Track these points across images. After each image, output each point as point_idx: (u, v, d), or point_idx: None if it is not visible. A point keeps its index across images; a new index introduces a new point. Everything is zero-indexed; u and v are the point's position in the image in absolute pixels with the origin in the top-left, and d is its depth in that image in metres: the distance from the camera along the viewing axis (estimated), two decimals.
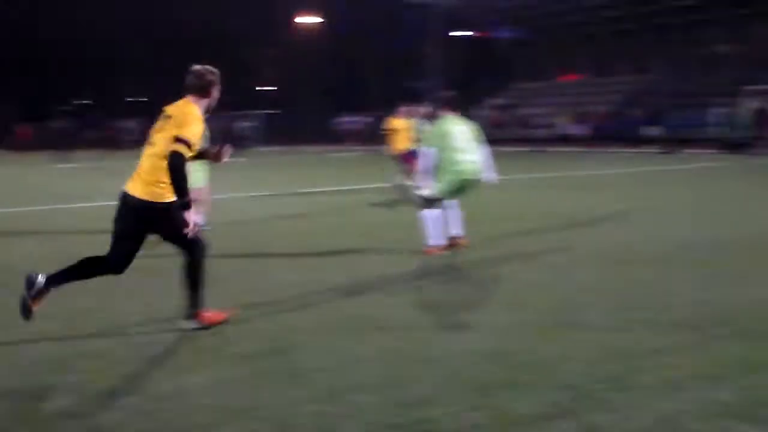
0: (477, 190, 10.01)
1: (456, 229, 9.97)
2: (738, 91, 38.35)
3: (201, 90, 6.22)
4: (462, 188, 9.75)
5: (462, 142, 9.68)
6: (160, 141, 6.02)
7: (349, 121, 56.60)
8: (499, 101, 57.22)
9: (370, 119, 53.29)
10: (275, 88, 75.62)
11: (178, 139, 5.89)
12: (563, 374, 5.05)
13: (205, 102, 6.23)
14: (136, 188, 6.02)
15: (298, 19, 62.56)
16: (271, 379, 5.09)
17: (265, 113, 58.90)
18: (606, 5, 51.44)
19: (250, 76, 73.50)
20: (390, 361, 5.40)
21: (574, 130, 45.24)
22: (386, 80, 63.69)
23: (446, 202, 9.80)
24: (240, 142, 40.20)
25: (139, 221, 6.03)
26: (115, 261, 6.07)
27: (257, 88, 73.02)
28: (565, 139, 44.92)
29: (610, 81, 53.78)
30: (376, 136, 41.49)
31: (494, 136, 49.15)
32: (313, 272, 8.67)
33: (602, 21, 53.28)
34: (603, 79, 54.42)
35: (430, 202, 9.62)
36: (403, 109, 17.44)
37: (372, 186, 19.73)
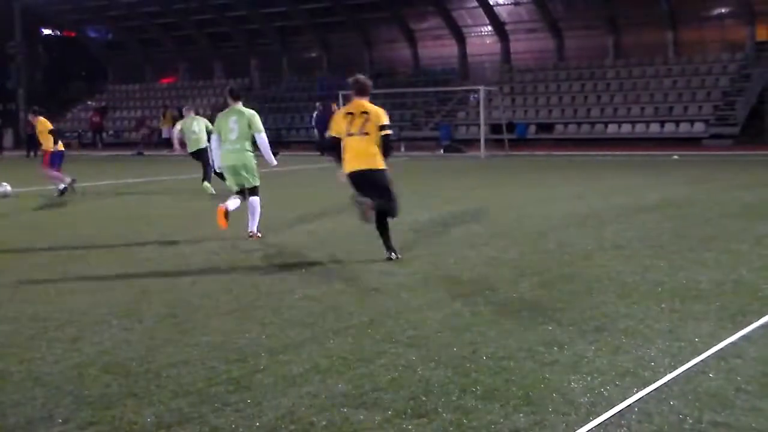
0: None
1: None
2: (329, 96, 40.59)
3: (368, 93, 9.40)
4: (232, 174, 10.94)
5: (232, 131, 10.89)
6: (370, 131, 8.99)
7: None
8: (96, 104, 55.30)
9: None
10: None
11: (383, 127, 9.06)
12: (182, 380, 4.98)
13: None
14: (365, 164, 8.98)
15: None
16: None
17: None
18: (197, 8, 51.73)
19: None
20: None
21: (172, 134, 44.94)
22: None
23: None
24: None
25: (371, 180, 8.95)
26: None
27: None
28: (167, 143, 44.46)
29: (207, 84, 54.30)
30: None
31: (92, 140, 47.78)
32: None
33: (196, 24, 53.54)
34: (201, 82, 54.78)
35: None
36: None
37: None
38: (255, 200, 10.99)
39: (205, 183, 18.18)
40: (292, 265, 8.81)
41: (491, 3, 45.64)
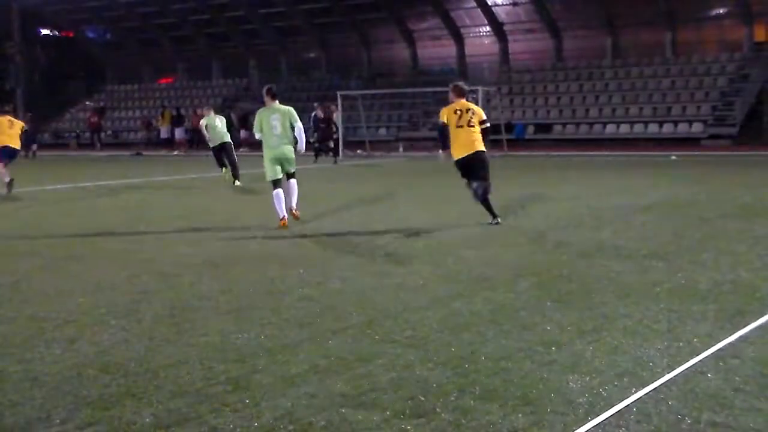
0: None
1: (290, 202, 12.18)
2: (327, 96, 40.56)
3: (466, 95, 12.27)
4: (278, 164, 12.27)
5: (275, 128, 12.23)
6: (475, 123, 11.78)
7: None
8: (95, 104, 55.26)
9: None
10: None
11: (483, 121, 11.97)
12: (181, 380, 4.98)
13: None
14: (471, 149, 11.71)
15: None
16: None
17: None
18: (196, 9, 51.70)
19: None
20: None
21: (174, 134, 44.80)
22: None
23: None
24: None
25: (476, 159, 11.73)
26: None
27: None
28: (165, 143, 44.41)
29: (206, 85, 54.29)
30: None
31: (90, 140, 47.76)
32: None
33: (195, 24, 53.52)
34: (200, 82, 54.75)
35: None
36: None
37: None
38: (294, 182, 12.50)
39: (229, 176, 20.07)
40: (291, 265, 8.81)
41: (489, 3, 45.67)
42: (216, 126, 20.63)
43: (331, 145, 30.34)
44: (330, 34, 51.45)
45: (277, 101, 12.56)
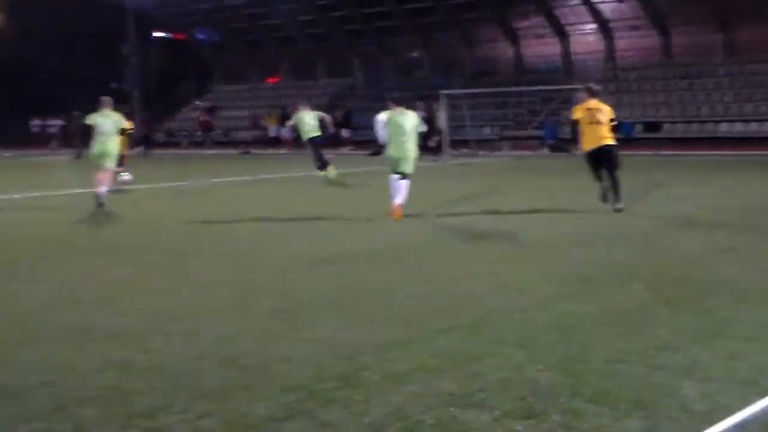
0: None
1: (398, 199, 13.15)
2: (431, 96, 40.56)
3: (598, 95, 13.98)
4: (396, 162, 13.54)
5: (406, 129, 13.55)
6: (605, 121, 13.24)
7: (42, 124, 53.60)
8: (204, 104, 56.57)
9: (60, 122, 51.00)
10: None
11: (612, 120, 13.44)
12: (292, 375, 5.06)
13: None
14: (602, 142, 13.12)
15: None
16: None
17: None
18: (300, 10, 52.36)
19: None
20: (115, 372, 5.15)
21: (282, 133, 45.49)
22: (85, 81, 60.97)
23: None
24: None
25: (605, 152, 13.15)
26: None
27: None
28: (273, 142, 45.09)
29: (310, 84, 54.95)
30: (72, 138, 39.84)
31: (201, 139, 48.93)
32: (20, 282, 8.12)
33: (299, 25, 54.23)
34: (304, 82, 55.46)
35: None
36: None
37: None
38: (407, 182, 13.44)
39: (322, 172, 20.78)
40: (400, 263, 8.86)
41: (594, 0, 44.91)
42: (305, 122, 21.27)
43: (433, 144, 30.37)
44: (433, 33, 51.38)
45: (403, 107, 13.95)
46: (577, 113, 13.68)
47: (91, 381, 4.98)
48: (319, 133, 21.43)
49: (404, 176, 13.39)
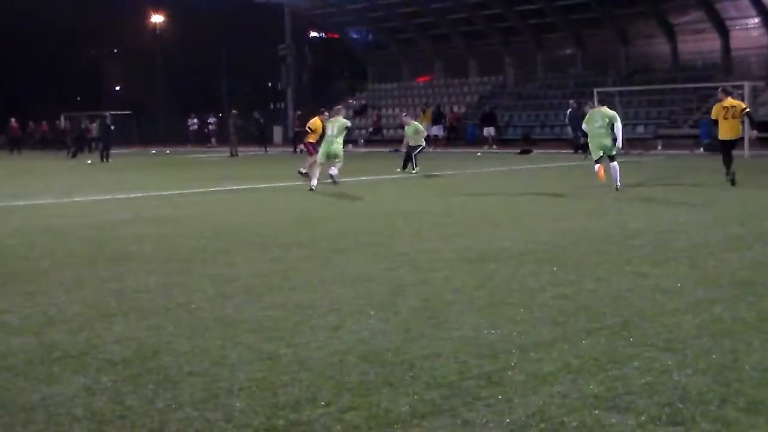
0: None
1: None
2: (584, 93, 39.87)
3: (732, 94, 17.29)
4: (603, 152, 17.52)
5: (601, 124, 17.52)
6: (738, 116, 17.54)
7: (204, 121, 55.70)
8: (357, 102, 57.49)
9: (215, 119, 52.89)
10: (120, 88, 73.63)
11: (743, 110, 17.79)
12: (435, 372, 5.10)
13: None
14: (734, 135, 17.64)
15: (147, 18, 61.10)
16: (140, 385, 4.94)
17: (113, 114, 57.45)
18: (453, 8, 52.41)
19: (98, 76, 71.29)
20: (263, 364, 5.33)
21: (432, 131, 45.81)
22: (242, 80, 63.02)
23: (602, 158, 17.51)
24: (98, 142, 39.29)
25: (734, 143, 17.78)
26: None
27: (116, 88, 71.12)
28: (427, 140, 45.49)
29: (462, 82, 54.94)
30: (229, 136, 41.24)
31: (352, 137, 49.75)
32: (178, 275, 8.47)
33: (452, 23, 54.30)
34: (456, 80, 55.52)
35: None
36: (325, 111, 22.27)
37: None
38: (616, 164, 17.24)
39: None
40: (544, 262, 8.79)
41: None
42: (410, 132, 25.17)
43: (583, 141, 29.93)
44: (586, 30, 50.53)
45: (605, 107, 18.26)
46: (715, 112, 18.04)
47: (240, 372, 5.17)
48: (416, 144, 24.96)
49: (612, 159, 17.31)
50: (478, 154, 28.42)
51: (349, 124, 20.62)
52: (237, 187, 20.28)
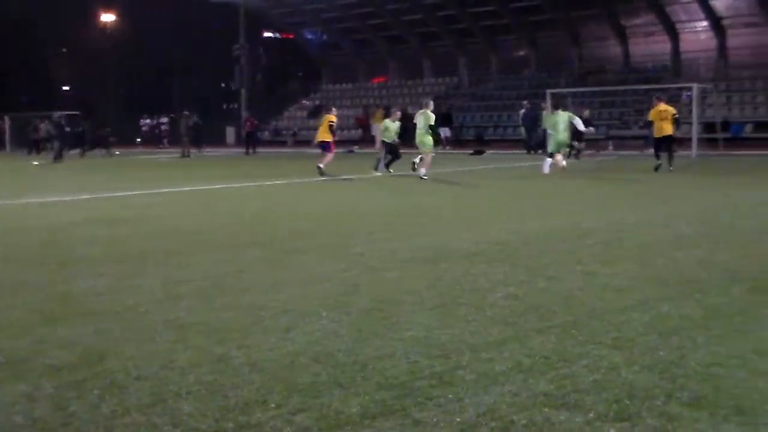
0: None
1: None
2: (537, 94, 40.19)
3: (664, 100, 23.20)
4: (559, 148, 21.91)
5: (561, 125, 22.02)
6: (669, 116, 22.43)
7: (152, 123, 55.28)
8: (310, 103, 57.38)
9: (167, 120, 52.51)
10: (68, 88, 72.68)
11: (673, 115, 22.83)
12: (387, 373, 5.11)
13: None
14: (669, 132, 22.69)
15: (98, 17, 60.39)
16: (85, 391, 4.87)
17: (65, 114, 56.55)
18: (408, 9, 52.53)
19: (49, 76, 70.35)
20: (213, 366, 5.29)
21: (444, 132, 45.65)
22: (194, 80, 62.58)
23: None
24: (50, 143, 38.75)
25: (669, 139, 22.48)
26: None
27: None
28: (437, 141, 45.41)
29: (417, 83, 55.09)
30: (181, 137, 40.94)
31: (305, 137, 49.63)
32: (128, 277, 8.39)
33: (406, 24, 54.42)
34: (410, 81, 55.66)
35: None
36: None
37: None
38: (560, 157, 21.90)
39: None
40: (497, 262, 8.84)
41: None
42: (388, 128, 24.58)
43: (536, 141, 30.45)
44: (540, 31, 50.98)
45: (560, 110, 23.05)
46: (652, 115, 23.02)
47: (189, 375, 5.13)
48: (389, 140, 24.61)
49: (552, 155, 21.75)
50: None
51: (433, 117, 22.63)
52: (189, 188, 20.16)
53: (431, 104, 23.17)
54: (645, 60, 46.75)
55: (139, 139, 53.30)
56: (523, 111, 36.76)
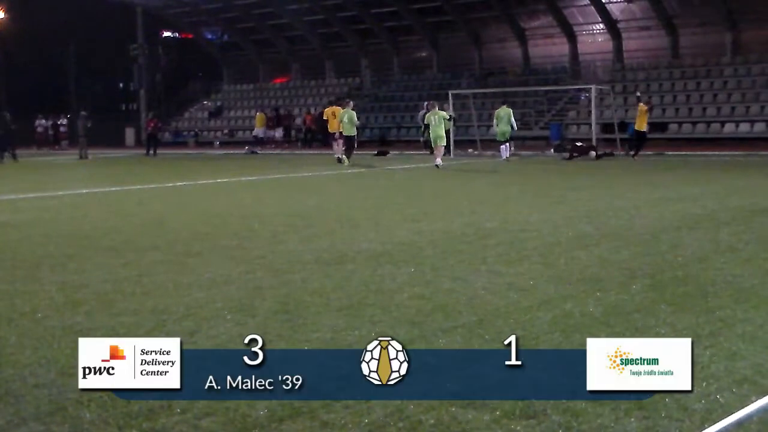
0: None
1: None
2: (439, 95, 40.56)
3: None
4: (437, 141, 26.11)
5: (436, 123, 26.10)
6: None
7: (54, 123, 53.72)
8: (212, 104, 56.71)
9: (66, 121, 51.20)
10: None
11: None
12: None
13: None
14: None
15: None
16: None
17: None
18: (309, 9, 52.42)
19: None
20: None
21: (261, 134, 45.19)
22: (92, 80, 61.15)
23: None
24: None
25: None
26: None
27: None
28: (261, 142, 44.85)
29: (319, 84, 55.01)
30: (76, 138, 39.94)
31: (207, 138, 49.05)
32: (23, 283, 8.11)
33: (308, 25, 54.29)
34: (313, 82, 55.54)
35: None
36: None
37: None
38: (442, 147, 26.39)
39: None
40: (402, 262, 8.87)
41: (603, 0, 44.89)
42: (344, 120, 27.67)
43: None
44: (441, 33, 51.48)
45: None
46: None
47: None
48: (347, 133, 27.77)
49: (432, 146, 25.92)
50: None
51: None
52: (87, 191, 19.67)
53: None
54: (544, 62, 47.67)
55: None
56: (422, 112, 37.05)
